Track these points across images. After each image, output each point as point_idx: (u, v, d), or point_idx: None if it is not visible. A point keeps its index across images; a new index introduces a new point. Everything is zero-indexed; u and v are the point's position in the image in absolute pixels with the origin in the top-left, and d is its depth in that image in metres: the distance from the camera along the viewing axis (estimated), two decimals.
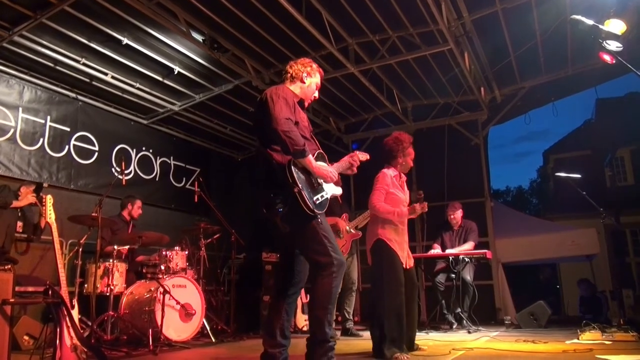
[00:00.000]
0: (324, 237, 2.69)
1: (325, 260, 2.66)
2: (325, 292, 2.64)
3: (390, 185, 3.76)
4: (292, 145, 2.60)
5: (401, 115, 8.12)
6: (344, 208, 5.45)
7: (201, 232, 5.80)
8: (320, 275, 2.67)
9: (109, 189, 4.95)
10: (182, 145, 8.03)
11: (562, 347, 3.94)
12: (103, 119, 6.72)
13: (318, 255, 2.68)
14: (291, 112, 2.71)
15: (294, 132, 2.62)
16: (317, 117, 8.07)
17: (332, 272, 2.65)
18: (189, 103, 7.10)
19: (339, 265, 2.68)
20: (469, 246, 6.08)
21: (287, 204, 2.64)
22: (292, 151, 2.62)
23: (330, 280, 2.65)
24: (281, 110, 2.65)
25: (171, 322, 4.62)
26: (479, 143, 7.94)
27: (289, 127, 2.61)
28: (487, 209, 7.66)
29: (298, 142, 2.61)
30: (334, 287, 2.66)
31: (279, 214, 2.67)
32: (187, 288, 4.90)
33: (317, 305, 2.66)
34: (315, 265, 2.70)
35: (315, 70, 3.08)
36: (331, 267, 2.65)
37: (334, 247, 2.71)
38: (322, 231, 2.70)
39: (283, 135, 2.59)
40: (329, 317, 2.65)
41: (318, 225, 2.69)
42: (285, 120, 2.62)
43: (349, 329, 5.43)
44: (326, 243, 2.68)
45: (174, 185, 7.75)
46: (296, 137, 2.61)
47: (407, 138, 3.91)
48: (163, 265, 4.97)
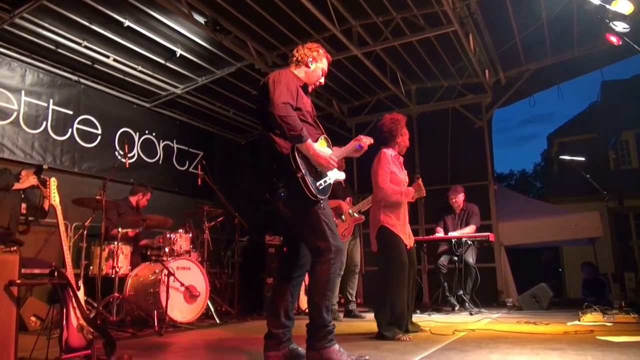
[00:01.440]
0: (325, 223, 2.69)
1: (324, 246, 2.66)
2: (323, 279, 2.65)
3: (391, 165, 3.80)
4: (288, 130, 2.58)
5: (404, 98, 8.07)
6: (347, 191, 5.45)
7: (205, 215, 5.82)
8: (318, 261, 2.68)
9: (113, 172, 4.96)
10: (185, 129, 8.02)
11: (563, 329, 3.97)
12: (106, 102, 6.71)
13: (317, 241, 2.68)
14: (292, 97, 2.69)
15: (291, 117, 2.59)
16: (320, 100, 8.03)
17: (329, 258, 2.65)
18: (192, 86, 7.07)
19: (337, 252, 2.69)
20: (471, 229, 6.09)
21: (290, 188, 2.64)
22: (288, 136, 2.61)
23: (328, 267, 2.65)
24: (280, 95, 2.63)
25: (176, 304, 4.67)
26: (482, 126, 7.90)
27: (286, 111, 2.59)
28: (490, 192, 7.66)
29: (295, 127, 2.59)
30: (332, 273, 2.67)
31: (282, 198, 2.67)
32: (191, 270, 4.95)
33: (315, 291, 2.68)
34: (314, 250, 2.71)
35: (322, 56, 3.04)
36: (329, 253, 2.65)
37: (334, 234, 2.71)
38: (324, 217, 2.70)
39: (279, 120, 2.58)
40: (326, 303, 2.67)
41: (320, 210, 2.69)
42: (283, 105, 2.60)
43: (352, 311, 5.48)
44: (326, 229, 2.68)
45: (177, 169, 7.76)
46: (293, 122, 2.59)
47: (402, 118, 3.96)
48: (167, 248, 5.02)
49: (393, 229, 3.69)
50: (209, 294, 5.03)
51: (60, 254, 4.43)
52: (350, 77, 7.66)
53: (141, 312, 4.66)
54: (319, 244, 2.68)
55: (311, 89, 3.10)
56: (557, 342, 3.25)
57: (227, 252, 6.86)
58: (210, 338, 3.98)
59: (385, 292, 3.60)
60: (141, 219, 5.10)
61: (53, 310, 2.80)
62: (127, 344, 3.61)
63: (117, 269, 4.75)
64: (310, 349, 2.63)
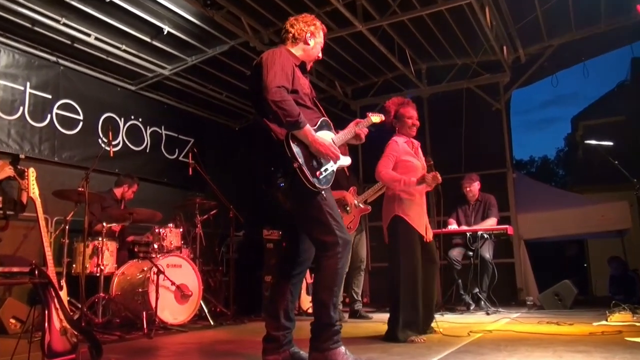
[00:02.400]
0: (329, 215, 2.69)
1: (330, 240, 2.67)
2: (330, 274, 2.67)
3: (402, 152, 3.80)
4: (284, 117, 2.57)
5: (414, 78, 8.04)
6: (352, 180, 5.45)
7: (197, 208, 5.84)
8: (324, 256, 2.69)
9: (96, 161, 4.97)
10: (174, 114, 8.02)
11: (588, 329, 3.99)
12: (87, 85, 6.70)
13: (322, 234, 2.69)
14: (287, 80, 2.67)
15: (286, 102, 2.58)
16: (322, 81, 8.01)
17: (337, 252, 2.67)
18: (181, 67, 7.05)
19: (345, 244, 2.70)
20: (492, 222, 6.09)
21: (288, 178, 2.64)
22: (284, 122, 2.60)
23: (336, 261, 2.67)
24: (274, 77, 2.61)
25: (166, 304, 4.71)
26: (500, 108, 7.87)
27: (280, 96, 2.58)
28: (508, 181, 7.66)
29: (291, 112, 2.58)
30: (340, 268, 2.69)
31: (281, 189, 2.68)
32: (182, 268, 4.97)
33: (321, 287, 2.69)
34: (319, 245, 2.72)
35: (319, 29, 3.03)
36: (336, 247, 2.66)
37: (340, 225, 2.72)
38: (327, 208, 2.71)
39: (273, 105, 2.57)
40: (334, 300, 2.68)
41: (322, 201, 2.70)
42: (277, 89, 2.58)
43: (358, 311, 5.52)
44: (331, 221, 2.69)
45: (166, 157, 7.77)
46: (289, 107, 2.58)
47: (407, 100, 4.01)
48: (156, 244, 5.04)
49: (408, 219, 3.69)
50: (202, 293, 5.06)
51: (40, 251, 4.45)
52: (354, 55, 7.62)
53: (129, 313, 4.70)
54: (325, 237, 2.69)
55: (309, 67, 3.09)
56: (582, 343, 3.26)
57: (221, 248, 6.88)
58: (203, 341, 4.01)
59: (395, 289, 3.61)
60: (127, 213, 5.12)
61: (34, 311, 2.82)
62: (114, 347, 3.64)
63: (102, 267, 4.78)
64: (314, 350, 2.65)
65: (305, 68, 3.03)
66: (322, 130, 2.86)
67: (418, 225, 3.73)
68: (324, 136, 2.83)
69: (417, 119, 3.97)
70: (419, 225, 3.73)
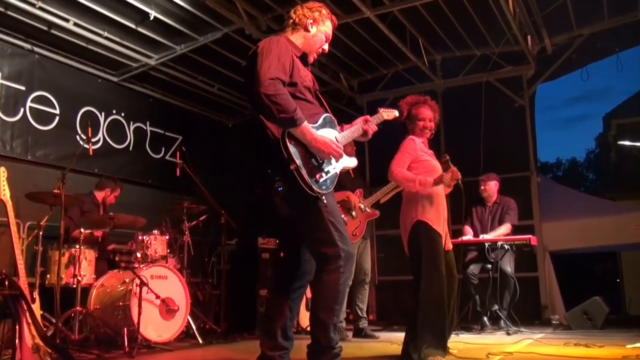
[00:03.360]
0: (330, 223, 2.70)
1: (331, 252, 2.68)
2: (330, 290, 2.67)
3: (419, 151, 3.84)
4: (278, 112, 2.58)
5: (428, 71, 8.04)
6: (357, 182, 5.47)
7: (184, 212, 5.85)
8: (324, 269, 2.69)
9: (74, 160, 4.98)
10: (160, 108, 8.04)
11: (621, 352, 3.97)
12: (65, 76, 6.72)
13: (322, 246, 2.70)
14: (283, 71, 2.69)
15: (281, 96, 2.59)
16: (325, 73, 8.02)
17: (338, 266, 2.67)
18: (169, 56, 7.07)
19: (347, 258, 2.70)
20: (505, 229, 6.08)
21: (287, 182, 2.65)
22: (278, 119, 2.61)
23: (337, 276, 2.67)
24: (269, 68, 2.62)
25: (150, 320, 4.71)
26: (523, 104, 7.87)
27: (274, 89, 2.59)
28: (532, 186, 7.65)
29: (286, 108, 2.59)
30: (341, 284, 2.69)
31: (279, 193, 2.68)
32: (168, 279, 4.98)
33: (321, 305, 2.69)
34: (319, 257, 2.73)
35: (325, 17, 3.05)
36: (337, 260, 2.67)
37: (342, 236, 2.72)
38: (328, 215, 2.71)
39: (266, 99, 2.57)
40: (334, 320, 2.68)
41: (323, 208, 2.70)
42: (270, 82, 2.59)
43: (363, 329, 5.52)
44: (332, 230, 2.69)
45: (151, 157, 7.79)
46: (284, 101, 2.59)
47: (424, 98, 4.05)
48: (139, 253, 5.05)
49: (432, 225, 3.68)
50: (189, 308, 5.07)
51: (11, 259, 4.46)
52: (361, 44, 7.64)
53: (108, 329, 4.70)
54: (325, 249, 2.69)
55: (312, 59, 3.10)
56: None
57: (211, 258, 6.89)
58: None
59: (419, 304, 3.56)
60: (108, 218, 5.13)
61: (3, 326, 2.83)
62: None
63: (80, 277, 4.79)
64: None
65: (307, 60, 3.04)
66: (324, 128, 2.87)
67: (441, 232, 3.73)
68: (327, 135, 2.83)
69: (431, 120, 3.96)
70: (441, 233, 3.73)
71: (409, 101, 4.04)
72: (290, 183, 2.63)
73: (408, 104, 4.02)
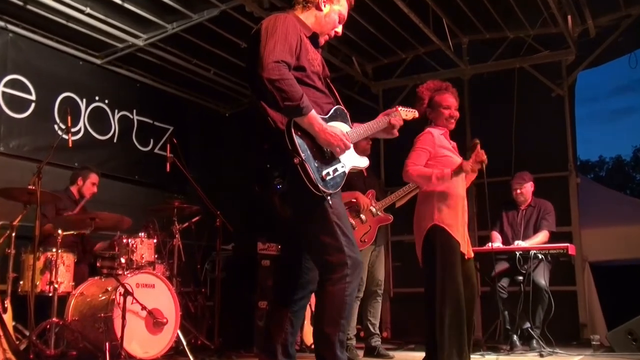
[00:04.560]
0: (336, 227, 2.71)
1: (336, 260, 2.69)
2: (336, 303, 2.68)
3: (438, 146, 3.84)
4: (282, 100, 2.59)
5: (453, 55, 8.02)
6: (370, 182, 5.46)
7: (175, 213, 5.87)
8: (329, 279, 2.70)
9: (51, 152, 5.01)
10: (149, 95, 8.08)
11: None
12: (42, 58, 6.76)
13: (327, 252, 2.71)
14: (289, 53, 2.69)
15: (285, 81, 2.60)
16: (336, 57, 8.01)
17: (344, 275, 2.68)
18: (159, 36, 7.08)
19: (354, 266, 2.71)
20: (543, 237, 6.06)
21: (288, 178, 2.66)
22: (282, 107, 2.62)
23: (343, 287, 2.68)
24: (273, 49, 2.62)
25: (135, 334, 4.73)
26: (562, 94, 7.84)
27: (279, 73, 2.59)
28: (571, 188, 7.62)
29: (291, 95, 2.59)
30: (348, 295, 2.70)
31: (278, 191, 2.70)
32: (155, 288, 5.00)
33: (325, 320, 2.70)
34: (323, 265, 2.74)
35: None
36: (343, 268, 2.68)
37: (349, 242, 2.73)
38: (334, 218, 2.72)
39: (269, 85, 2.58)
40: (340, 336, 2.69)
41: (329, 210, 2.71)
42: (275, 65, 2.59)
43: (375, 348, 5.53)
44: (339, 235, 2.71)
45: (137, 149, 7.82)
46: (289, 87, 2.59)
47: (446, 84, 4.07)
48: (123, 258, 5.08)
49: (450, 229, 3.71)
50: (179, 321, 5.08)
51: None
52: (377, 24, 7.63)
53: (88, 343, 4.73)
54: (329, 256, 2.70)
55: (323, 41, 3.11)
56: None
57: (204, 265, 6.91)
58: None
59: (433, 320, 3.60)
60: (89, 218, 5.16)
61: None
62: None
63: (57, 285, 4.81)
64: None
65: (318, 41, 3.05)
66: (335, 120, 2.88)
67: (459, 236, 3.75)
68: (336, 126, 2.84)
69: (457, 109, 4.01)
70: (460, 237, 3.76)
71: (430, 86, 4.05)
72: (292, 180, 2.64)
73: (430, 89, 4.03)
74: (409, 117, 3.41)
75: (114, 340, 4.51)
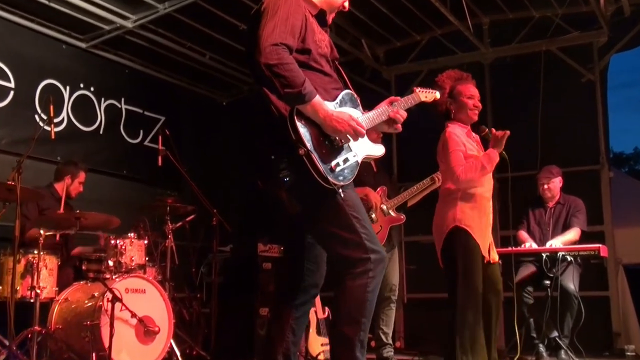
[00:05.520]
0: (353, 220, 2.71)
1: (357, 254, 2.69)
2: (356, 300, 2.68)
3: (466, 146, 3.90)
4: (282, 87, 2.58)
5: (472, 37, 7.99)
6: (380, 178, 5.46)
7: (168, 211, 5.88)
8: (349, 274, 2.70)
9: (32, 145, 5.02)
10: (138, 82, 8.09)
11: None
12: (21, 41, 6.76)
13: (345, 247, 2.71)
14: (292, 34, 2.67)
15: (285, 66, 2.58)
16: (344, 39, 8.00)
17: (367, 269, 2.68)
18: (149, 17, 7.07)
19: (378, 261, 2.71)
20: (574, 234, 6.03)
21: (295, 170, 2.65)
22: (282, 94, 2.61)
23: (365, 282, 2.68)
24: (273, 31, 2.61)
25: (124, 343, 4.74)
26: (593, 80, 7.81)
27: (278, 57, 2.57)
28: (603, 182, 7.59)
29: (292, 80, 2.58)
30: (370, 292, 2.69)
31: (285, 185, 2.69)
32: (147, 294, 5.01)
33: (345, 318, 2.71)
34: (342, 261, 2.74)
35: None
36: (366, 263, 2.68)
37: (370, 235, 2.73)
38: (351, 210, 2.72)
39: (267, 70, 2.57)
40: (361, 336, 2.69)
41: (342, 202, 2.71)
42: (273, 48, 2.58)
43: (388, 358, 5.53)
44: (358, 228, 2.71)
45: (126, 141, 7.84)
46: (290, 72, 2.58)
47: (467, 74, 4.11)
48: (111, 260, 5.09)
49: (471, 231, 3.75)
50: (173, 329, 5.10)
51: None
52: (389, 3, 7.62)
53: (73, 354, 4.75)
54: (349, 251, 2.70)
55: (331, 18, 3.10)
56: None
57: (200, 268, 6.92)
58: None
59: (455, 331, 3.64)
60: (73, 217, 5.16)
61: None
62: None
63: (39, 290, 4.81)
64: None
65: (325, 20, 3.04)
66: (344, 106, 2.87)
67: (480, 239, 3.79)
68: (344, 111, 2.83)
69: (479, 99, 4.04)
70: (481, 240, 3.79)
71: (452, 75, 4.07)
72: (299, 173, 2.63)
73: (451, 78, 4.05)
74: (429, 99, 3.41)
75: (101, 350, 4.52)
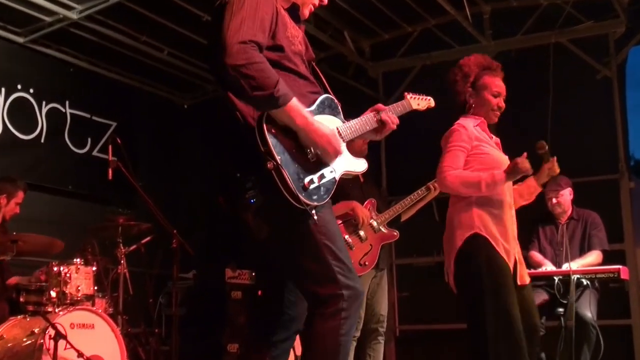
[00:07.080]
0: (326, 250, 2.69)
1: (328, 291, 2.68)
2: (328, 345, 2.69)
3: (472, 140, 3.80)
4: (251, 89, 2.54)
5: (471, 28, 8.05)
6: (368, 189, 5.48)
7: (120, 233, 5.86)
8: (319, 314, 2.70)
9: None
10: (85, 82, 8.08)
11: None
12: None
13: (314, 282, 2.70)
14: (261, 30, 2.65)
15: (255, 66, 2.55)
16: (324, 32, 8.03)
17: (339, 309, 2.67)
18: (98, 6, 7.06)
19: (352, 297, 2.70)
20: (595, 258, 6.05)
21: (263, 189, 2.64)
22: (252, 98, 2.59)
23: (337, 324, 2.68)
24: (239, 27, 2.58)
25: None
26: (610, 76, 7.88)
27: (245, 57, 2.54)
28: (622, 194, 7.65)
29: (262, 81, 2.55)
30: (343, 334, 2.69)
31: (251, 207, 2.68)
32: (95, 330, 5.01)
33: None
34: (311, 297, 2.74)
35: None
36: (338, 300, 2.67)
37: (344, 267, 2.71)
38: (323, 238, 2.71)
39: (233, 72, 2.54)
40: None
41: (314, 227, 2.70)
42: (239, 47, 2.54)
43: None
44: (329, 260, 2.69)
45: (72, 151, 7.80)
46: (259, 73, 2.55)
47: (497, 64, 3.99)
48: (54, 291, 5.05)
49: (494, 242, 3.61)
50: None
51: None
52: None
53: None
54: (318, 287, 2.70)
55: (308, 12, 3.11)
56: None
57: (159, 298, 6.90)
58: None
59: None
60: (9, 240, 5.14)
61: None
62: None
63: None
64: None
65: (298, 14, 3.05)
66: (322, 114, 2.86)
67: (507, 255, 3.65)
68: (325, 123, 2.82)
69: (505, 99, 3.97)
70: (507, 255, 3.65)
71: (481, 62, 3.97)
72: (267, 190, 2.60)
73: (479, 65, 3.95)
74: (421, 106, 3.40)
75: None
